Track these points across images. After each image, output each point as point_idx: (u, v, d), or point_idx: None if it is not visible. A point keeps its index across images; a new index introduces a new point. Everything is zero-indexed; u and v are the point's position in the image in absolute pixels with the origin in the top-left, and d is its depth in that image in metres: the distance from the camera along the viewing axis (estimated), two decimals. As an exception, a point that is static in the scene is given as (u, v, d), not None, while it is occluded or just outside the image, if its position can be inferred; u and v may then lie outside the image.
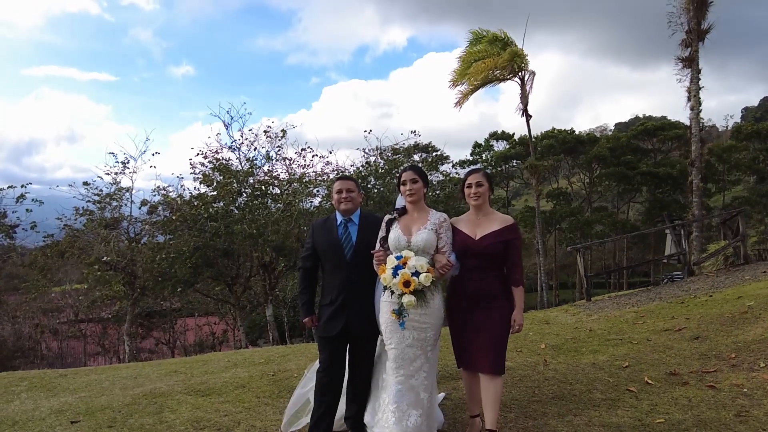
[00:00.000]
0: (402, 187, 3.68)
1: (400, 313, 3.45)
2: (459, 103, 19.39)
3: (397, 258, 3.44)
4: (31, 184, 13.26)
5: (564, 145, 40.00)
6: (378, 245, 3.67)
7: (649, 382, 4.68)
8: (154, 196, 13.95)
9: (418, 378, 3.45)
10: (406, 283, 3.35)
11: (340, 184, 3.88)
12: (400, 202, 3.79)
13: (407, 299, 3.37)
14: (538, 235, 23.20)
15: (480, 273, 3.58)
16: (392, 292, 3.46)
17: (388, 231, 3.66)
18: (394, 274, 3.38)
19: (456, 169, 29.79)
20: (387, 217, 3.75)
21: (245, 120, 19.83)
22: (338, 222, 3.84)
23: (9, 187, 12.85)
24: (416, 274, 3.36)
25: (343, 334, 3.69)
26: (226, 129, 14.98)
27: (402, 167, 3.80)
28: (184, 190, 14.27)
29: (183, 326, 24.81)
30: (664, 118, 49.73)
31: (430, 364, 3.53)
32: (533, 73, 18.70)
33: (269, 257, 14.44)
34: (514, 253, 3.63)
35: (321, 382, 3.77)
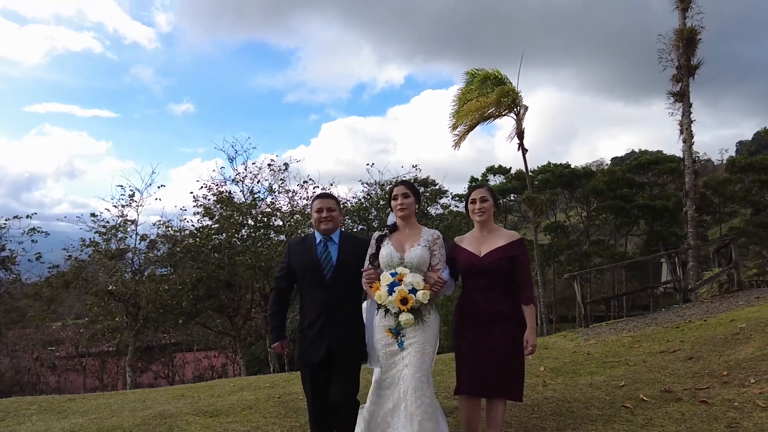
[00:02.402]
0: (393, 202, 3.56)
1: (397, 332, 3.30)
2: (457, 144, 19.73)
3: (392, 275, 3.29)
4: (36, 213, 13.59)
5: (560, 179, 40.58)
6: (367, 263, 3.50)
7: (645, 399, 4.83)
8: (157, 228, 14.21)
9: (422, 405, 3.25)
10: (404, 301, 3.21)
11: (320, 203, 3.66)
12: (391, 219, 3.67)
13: (405, 317, 3.23)
14: (537, 268, 23.41)
15: (487, 292, 3.42)
16: (386, 311, 3.32)
17: (378, 248, 3.49)
18: (390, 291, 3.23)
19: (455, 201, 30.23)
20: (377, 234, 3.59)
21: (249, 154, 20.29)
22: (317, 241, 3.63)
23: (15, 217, 13.12)
24: (413, 291, 3.23)
25: (326, 359, 3.46)
26: (231, 162, 15.42)
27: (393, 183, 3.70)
28: (186, 221, 14.54)
29: (182, 360, 24.71)
30: (659, 152, 50.56)
31: (431, 386, 3.38)
32: (526, 108, 19.18)
33: (271, 288, 14.59)
34: (522, 270, 3.45)
35: (316, 422, 3.57)
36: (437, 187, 29.60)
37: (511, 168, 42.57)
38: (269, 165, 15.21)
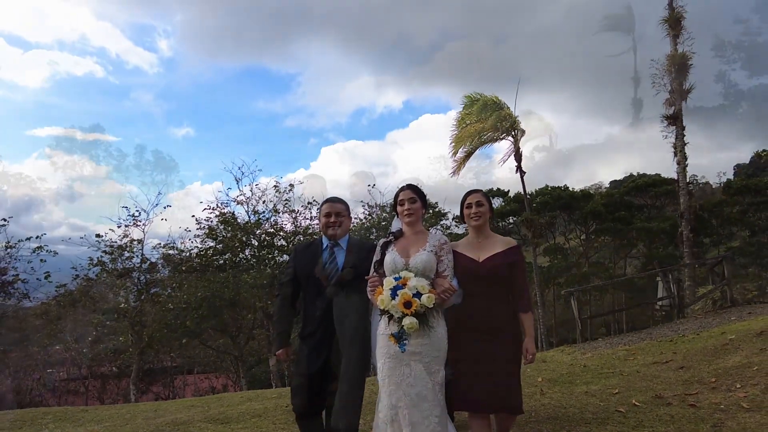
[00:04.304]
0: (399, 207, 3.41)
1: (399, 337, 3.11)
2: (456, 171, 20.03)
3: (396, 279, 3.14)
4: (45, 234, 13.89)
5: (559, 201, 40.87)
6: (372, 270, 3.34)
7: (636, 404, 5.08)
8: (161, 248, 14.49)
9: (429, 424, 3.03)
10: (407, 304, 3.04)
11: (329, 207, 3.56)
12: (396, 225, 3.51)
13: (408, 321, 3.04)
14: (537, 289, 23.53)
15: (486, 300, 3.30)
16: (390, 317, 3.13)
17: (383, 255, 3.33)
18: (393, 296, 3.07)
19: (455, 222, 30.47)
20: (382, 241, 3.44)
21: (255, 175, 20.75)
22: (324, 246, 3.53)
23: (27, 239, 13.37)
24: (417, 295, 3.06)
25: (323, 371, 3.35)
26: (237, 184, 15.86)
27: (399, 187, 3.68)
28: (190, 242, 14.82)
29: (183, 382, 24.74)
30: (657, 174, 50.97)
31: (440, 404, 3.13)
32: (523, 132, 19.56)
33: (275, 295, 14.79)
34: (520, 277, 3.37)
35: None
36: (437, 209, 29.87)
37: (509, 191, 42.90)
38: (275, 186, 15.64)
